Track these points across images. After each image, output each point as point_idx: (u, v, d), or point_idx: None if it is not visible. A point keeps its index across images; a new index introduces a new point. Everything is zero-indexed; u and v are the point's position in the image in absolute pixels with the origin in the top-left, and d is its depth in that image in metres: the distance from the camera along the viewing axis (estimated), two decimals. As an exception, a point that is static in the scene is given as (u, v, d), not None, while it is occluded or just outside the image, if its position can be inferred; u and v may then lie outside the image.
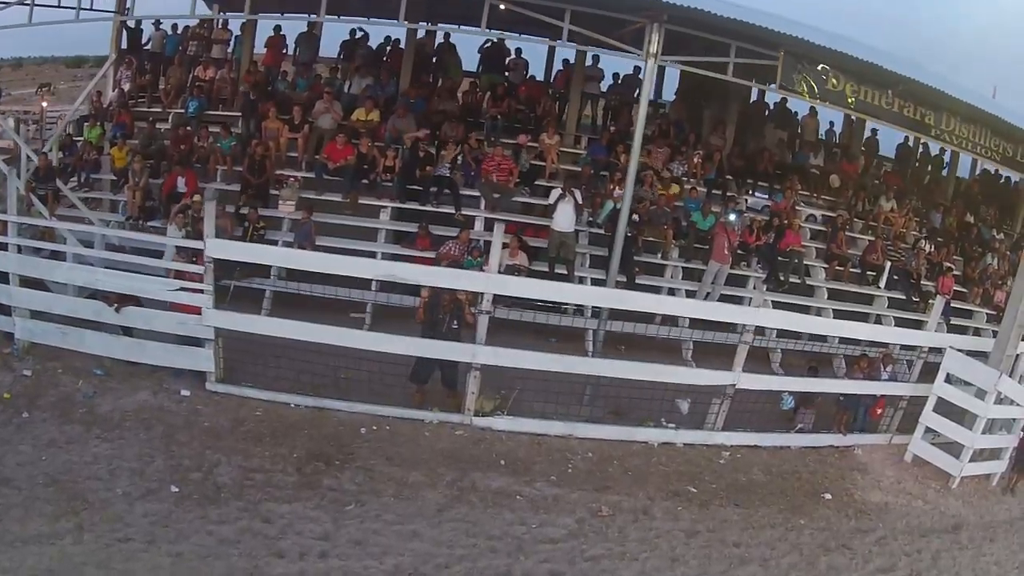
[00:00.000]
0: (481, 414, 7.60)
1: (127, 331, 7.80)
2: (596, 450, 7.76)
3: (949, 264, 13.78)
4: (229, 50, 12.83)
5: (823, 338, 10.11)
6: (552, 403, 7.82)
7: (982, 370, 8.99)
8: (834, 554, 6.94)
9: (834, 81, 9.78)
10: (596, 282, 10.15)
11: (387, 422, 7.51)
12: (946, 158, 16.00)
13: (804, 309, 11.33)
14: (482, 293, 7.39)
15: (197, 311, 7.43)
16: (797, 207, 12.99)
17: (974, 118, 11.07)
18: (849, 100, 10.03)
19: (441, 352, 7.49)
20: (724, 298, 11.05)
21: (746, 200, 13.01)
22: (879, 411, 9.61)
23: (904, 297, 12.77)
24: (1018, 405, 9.10)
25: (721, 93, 13.30)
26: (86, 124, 11.80)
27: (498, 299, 8.65)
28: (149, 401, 7.24)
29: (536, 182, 11.33)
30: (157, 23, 12.84)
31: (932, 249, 13.71)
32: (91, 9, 10.69)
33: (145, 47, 13.00)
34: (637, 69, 13.23)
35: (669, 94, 14.31)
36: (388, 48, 12.75)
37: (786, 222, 12.06)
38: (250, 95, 11.55)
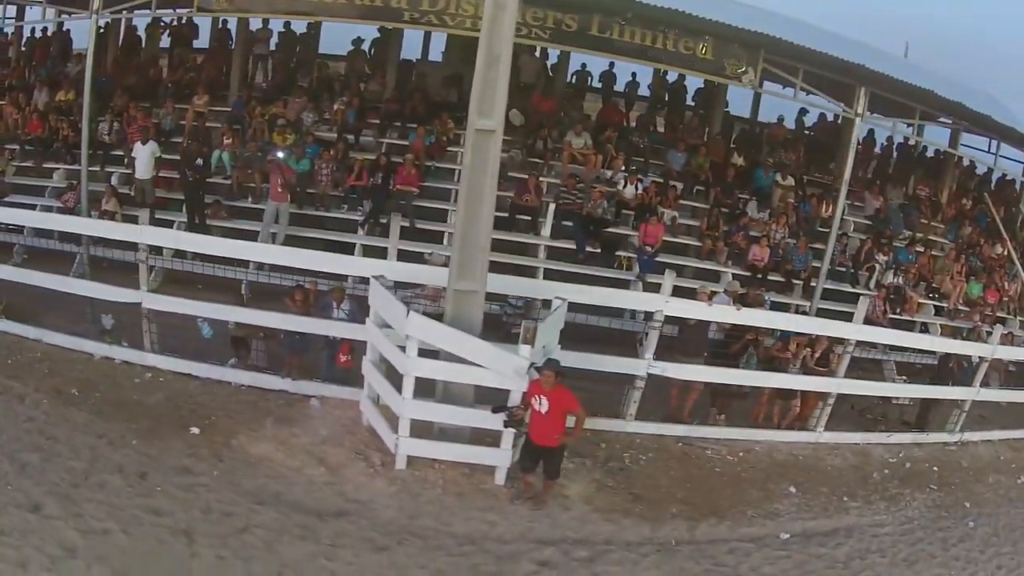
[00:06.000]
0: (-8, 318, 10.25)
1: None
2: (49, 353, 9.43)
3: (664, 209, 12.85)
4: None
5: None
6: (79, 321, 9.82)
7: (395, 307, 7.30)
8: (112, 475, 6.82)
9: None
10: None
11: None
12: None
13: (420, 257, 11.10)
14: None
15: None
16: (448, 149, 13.21)
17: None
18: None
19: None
20: (339, 246, 11.23)
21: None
22: (343, 358, 8.82)
23: (575, 247, 12.18)
24: (475, 364, 7.04)
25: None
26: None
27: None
28: None
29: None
30: (-19, 34, 16.75)
31: (639, 191, 12.88)
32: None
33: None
34: (311, 27, 14.69)
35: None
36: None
37: (398, 160, 12.16)
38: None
